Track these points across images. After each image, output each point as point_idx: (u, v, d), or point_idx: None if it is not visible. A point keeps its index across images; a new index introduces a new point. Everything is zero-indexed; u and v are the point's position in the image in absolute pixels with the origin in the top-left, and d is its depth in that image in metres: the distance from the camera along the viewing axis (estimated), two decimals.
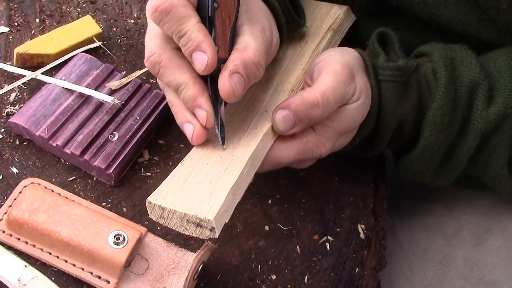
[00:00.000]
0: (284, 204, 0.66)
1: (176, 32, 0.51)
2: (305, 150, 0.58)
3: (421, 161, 0.63)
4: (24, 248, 0.55)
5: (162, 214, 0.50)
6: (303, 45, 0.66)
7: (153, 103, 0.67)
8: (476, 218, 0.74)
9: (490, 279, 0.70)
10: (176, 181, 0.52)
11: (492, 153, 0.61)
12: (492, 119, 0.59)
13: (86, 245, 0.54)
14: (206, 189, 0.50)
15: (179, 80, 0.53)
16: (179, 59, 0.53)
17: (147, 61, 0.54)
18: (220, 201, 0.49)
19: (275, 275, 0.60)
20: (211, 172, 0.52)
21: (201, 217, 0.48)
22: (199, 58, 0.51)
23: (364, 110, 0.60)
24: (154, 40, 0.54)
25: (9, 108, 0.65)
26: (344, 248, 0.64)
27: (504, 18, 0.61)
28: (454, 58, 0.61)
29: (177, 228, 0.50)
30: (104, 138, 0.63)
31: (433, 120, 0.60)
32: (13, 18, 0.75)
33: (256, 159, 0.55)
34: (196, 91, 0.52)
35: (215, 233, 0.48)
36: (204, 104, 0.53)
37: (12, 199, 0.58)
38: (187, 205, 0.49)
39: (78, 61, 0.69)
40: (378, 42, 0.63)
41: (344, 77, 0.56)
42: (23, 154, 0.63)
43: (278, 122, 0.56)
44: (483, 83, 0.59)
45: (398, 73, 0.60)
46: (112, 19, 0.78)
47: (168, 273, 0.56)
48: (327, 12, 0.70)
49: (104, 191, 0.62)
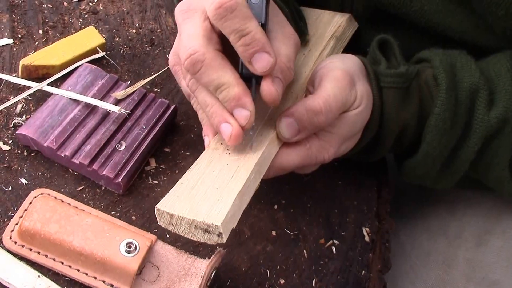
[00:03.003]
0: (290, 209, 0.67)
1: (238, 31, 0.50)
2: (309, 155, 0.59)
3: (423, 165, 0.64)
4: (36, 258, 0.56)
5: (170, 221, 0.51)
6: (307, 53, 0.67)
7: (158, 112, 0.68)
8: (477, 220, 0.75)
9: (492, 279, 0.72)
10: (184, 188, 0.53)
11: (493, 156, 0.62)
12: (494, 123, 0.60)
13: (98, 254, 0.55)
14: (213, 195, 0.51)
15: (222, 79, 0.52)
16: (221, 59, 0.53)
17: (187, 59, 0.52)
18: (227, 207, 0.50)
19: (283, 280, 0.61)
20: (218, 178, 0.53)
21: (209, 223, 0.49)
22: (264, 59, 0.51)
23: (365, 116, 0.61)
24: (195, 39, 0.53)
25: (16, 120, 0.66)
26: (350, 251, 0.65)
27: (502, 24, 0.63)
28: (454, 64, 0.62)
29: (185, 234, 0.51)
30: (112, 148, 0.64)
31: (435, 125, 0.61)
32: (17, 30, 0.75)
33: (262, 166, 0.56)
34: (240, 90, 0.52)
35: (222, 238, 0.49)
36: (249, 104, 0.53)
37: (22, 210, 0.58)
38: (195, 212, 0.50)
39: (83, 72, 0.70)
40: (378, 49, 0.65)
41: (345, 83, 0.57)
42: (32, 165, 0.63)
43: (282, 129, 0.57)
44: (484, 87, 0.61)
45: (400, 79, 0.61)
46: (114, 29, 0.79)
47: (179, 280, 0.57)
48: (329, 20, 0.71)
49: (112, 200, 0.63)
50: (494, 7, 0.61)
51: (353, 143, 0.63)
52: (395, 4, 0.65)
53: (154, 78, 0.73)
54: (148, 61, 0.76)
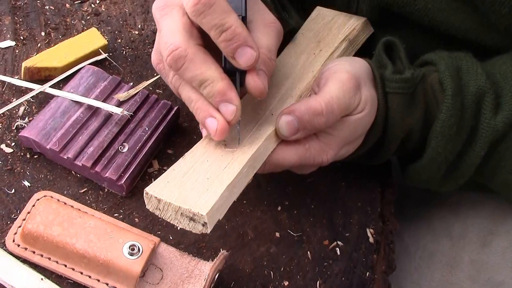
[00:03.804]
0: (293, 210, 0.67)
1: (218, 26, 0.50)
2: (307, 156, 0.58)
3: (428, 170, 0.64)
4: (39, 261, 0.56)
5: (158, 206, 0.51)
6: (317, 53, 0.66)
7: (161, 114, 0.68)
8: (481, 221, 0.75)
9: (497, 280, 0.71)
10: (175, 174, 0.53)
11: (500, 159, 0.62)
12: (500, 127, 0.59)
13: (102, 257, 0.55)
14: (203, 185, 0.52)
15: (206, 74, 0.52)
16: (203, 54, 0.52)
17: (169, 55, 0.52)
18: (215, 198, 0.50)
19: (287, 281, 0.61)
20: (210, 169, 0.53)
21: (195, 211, 0.49)
22: (246, 53, 0.51)
23: (368, 121, 0.60)
24: (176, 35, 0.52)
25: (19, 122, 0.66)
26: (354, 252, 0.65)
27: (505, 22, 0.62)
28: (460, 67, 0.62)
29: (171, 220, 0.51)
30: (115, 150, 0.64)
31: (440, 131, 0.60)
32: (19, 32, 0.75)
33: (257, 161, 0.56)
34: (225, 85, 0.52)
35: (207, 228, 0.50)
36: (234, 99, 0.52)
37: (25, 213, 0.58)
38: (183, 199, 0.50)
39: (86, 74, 0.69)
40: (384, 51, 0.64)
41: (350, 87, 0.57)
42: (34, 167, 0.63)
43: (282, 126, 0.56)
44: (489, 91, 0.60)
45: (405, 85, 0.61)
46: (116, 30, 0.79)
47: (183, 282, 0.57)
48: (344, 22, 0.70)
49: (115, 202, 0.63)
50: (498, 5, 0.61)
51: (354, 147, 0.62)
52: (398, 3, 0.65)
53: (156, 80, 0.73)
54: (151, 63, 0.76)
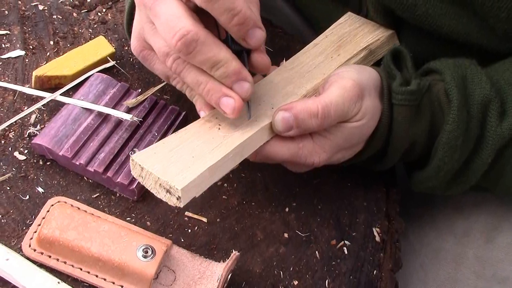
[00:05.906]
0: (301, 211, 0.68)
1: (229, 10, 0.51)
2: (299, 154, 0.59)
3: (433, 179, 0.65)
4: (55, 265, 0.57)
5: (141, 173, 0.54)
6: (335, 57, 0.66)
7: (169, 119, 0.70)
8: (485, 217, 0.76)
9: (502, 276, 0.72)
10: (163, 147, 0.55)
11: (505, 164, 0.63)
12: (507, 134, 0.60)
13: (116, 260, 0.56)
14: (186, 161, 0.54)
15: (219, 56, 0.53)
16: (213, 37, 0.53)
17: (180, 39, 0.51)
18: (193, 175, 0.52)
19: (297, 281, 0.62)
20: (198, 148, 0.55)
21: (171, 184, 0.52)
22: (258, 34, 0.54)
23: (365, 131, 0.61)
24: (183, 19, 0.52)
25: (31, 130, 0.67)
26: (361, 251, 0.66)
27: (504, 26, 0.63)
28: (465, 76, 0.62)
29: (151, 189, 0.54)
30: (125, 155, 0.65)
31: (446, 142, 0.61)
32: (28, 41, 0.77)
33: (246, 149, 0.57)
34: (238, 64, 0.54)
35: (180, 202, 0.52)
36: (248, 76, 0.55)
37: (40, 218, 0.60)
38: (163, 171, 0.53)
39: (95, 81, 0.71)
40: (392, 60, 0.64)
41: (352, 95, 0.58)
42: (47, 174, 0.65)
43: (277, 121, 0.58)
44: (495, 99, 0.61)
45: (411, 97, 0.61)
46: (123, 38, 0.80)
47: (195, 283, 0.58)
48: (370, 32, 0.70)
49: (127, 206, 0.64)
50: (496, 10, 0.62)
51: (350, 154, 0.63)
52: (400, 8, 0.66)
53: (164, 85, 0.74)
54: None
